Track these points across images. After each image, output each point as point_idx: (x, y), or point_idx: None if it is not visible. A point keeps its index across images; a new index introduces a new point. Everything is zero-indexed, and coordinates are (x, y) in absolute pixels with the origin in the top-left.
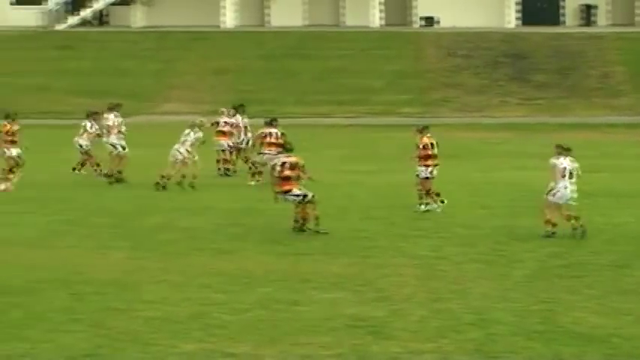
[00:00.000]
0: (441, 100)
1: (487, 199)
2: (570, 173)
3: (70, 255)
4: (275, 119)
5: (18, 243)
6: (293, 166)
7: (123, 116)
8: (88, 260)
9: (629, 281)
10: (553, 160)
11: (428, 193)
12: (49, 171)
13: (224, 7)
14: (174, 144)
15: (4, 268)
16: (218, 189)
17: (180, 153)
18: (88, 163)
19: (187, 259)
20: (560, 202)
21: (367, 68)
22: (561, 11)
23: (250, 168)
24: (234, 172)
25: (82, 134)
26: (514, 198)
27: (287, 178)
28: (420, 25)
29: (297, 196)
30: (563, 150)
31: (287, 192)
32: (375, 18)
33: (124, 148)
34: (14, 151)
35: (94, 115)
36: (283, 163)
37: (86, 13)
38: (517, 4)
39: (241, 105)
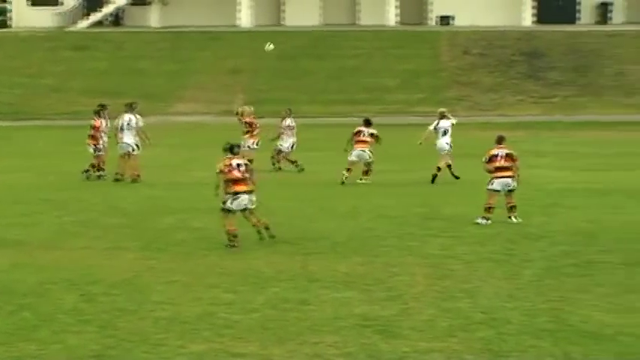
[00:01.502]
0: (455, 99)
1: (499, 198)
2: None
3: (80, 256)
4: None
5: (30, 244)
6: None
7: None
8: (98, 261)
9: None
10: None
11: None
12: (61, 172)
13: (240, 7)
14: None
15: (15, 269)
16: None
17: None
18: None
19: (197, 260)
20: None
21: (382, 67)
22: (577, 9)
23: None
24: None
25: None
26: (526, 197)
27: None
28: (436, 24)
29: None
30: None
31: None
32: (391, 17)
33: (134, 149)
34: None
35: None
36: None
37: (99, 14)
38: (533, 3)
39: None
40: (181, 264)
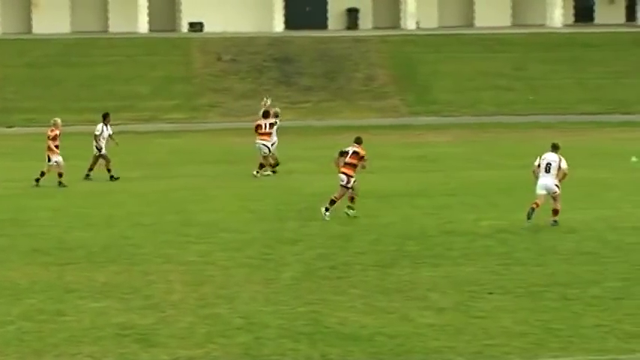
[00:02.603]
0: (209, 106)
1: (255, 203)
2: None
3: None
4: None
5: None
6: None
7: None
8: None
9: (393, 280)
10: None
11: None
12: None
13: None
14: None
15: None
16: None
17: None
18: None
19: None
20: None
21: (134, 74)
22: (326, 10)
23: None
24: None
25: None
26: (282, 202)
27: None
28: (188, 31)
29: None
30: None
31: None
32: (143, 24)
33: None
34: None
35: None
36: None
37: None
38: (284, 3)
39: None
40: None
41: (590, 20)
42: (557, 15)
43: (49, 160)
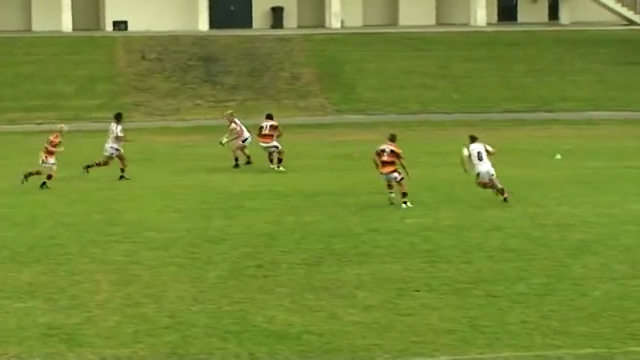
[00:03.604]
0: (133, 105)
1: (180, 202)
2: None
3: None
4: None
5: None
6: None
7: None
8: None
9: (319, 278)
10: None
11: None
12: None
13: None
14: None
15: None
16: None
17: None
18: None
19: None
20: None
21: (57, 73)
22: (252, 14)
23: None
24: None
25: None
26: (207, 200)
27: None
28: (112, 29)
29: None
30: None
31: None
32: (66, 22)
33: None
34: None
35: None
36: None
37: None
38: (208, 7)
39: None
40: None
41: (514, 19)
42: (481, 14)
43: (44, 162)
